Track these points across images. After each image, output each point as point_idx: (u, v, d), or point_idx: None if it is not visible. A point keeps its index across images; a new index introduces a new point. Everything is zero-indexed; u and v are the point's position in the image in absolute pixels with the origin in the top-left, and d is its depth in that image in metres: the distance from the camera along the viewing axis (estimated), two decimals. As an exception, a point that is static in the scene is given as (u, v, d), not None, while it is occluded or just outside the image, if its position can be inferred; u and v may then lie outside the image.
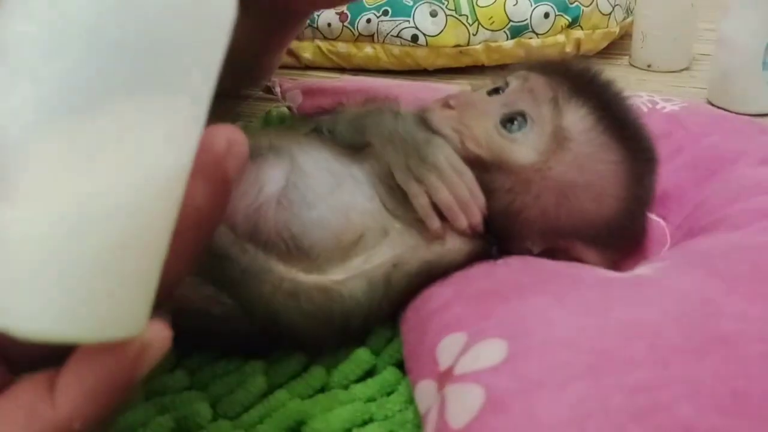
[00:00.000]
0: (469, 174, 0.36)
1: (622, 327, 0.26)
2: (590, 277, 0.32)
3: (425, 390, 0.28)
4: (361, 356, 0.36)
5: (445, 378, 0.27)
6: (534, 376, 0.25)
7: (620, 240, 0.37)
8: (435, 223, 0.35)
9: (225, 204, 0.22)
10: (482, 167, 0.36)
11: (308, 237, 0.35)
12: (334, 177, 0.37)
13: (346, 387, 0.35)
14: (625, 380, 0.24)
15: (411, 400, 0.34)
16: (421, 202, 0.35)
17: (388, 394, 0.35)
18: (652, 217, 0.44)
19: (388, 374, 0.35)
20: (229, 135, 0.22)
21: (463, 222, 0.35)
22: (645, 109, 0.52)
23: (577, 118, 0.36)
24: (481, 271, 0.35)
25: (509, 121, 0.36)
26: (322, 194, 0.36)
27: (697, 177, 0.45)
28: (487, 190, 0.36)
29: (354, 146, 0.38)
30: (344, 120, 0.39)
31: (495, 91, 0.39)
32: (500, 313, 0.29)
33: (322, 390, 0.36)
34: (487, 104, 0.38)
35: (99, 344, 0.19)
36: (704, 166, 0.45)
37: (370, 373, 0.36)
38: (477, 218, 0.35)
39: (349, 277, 0.34)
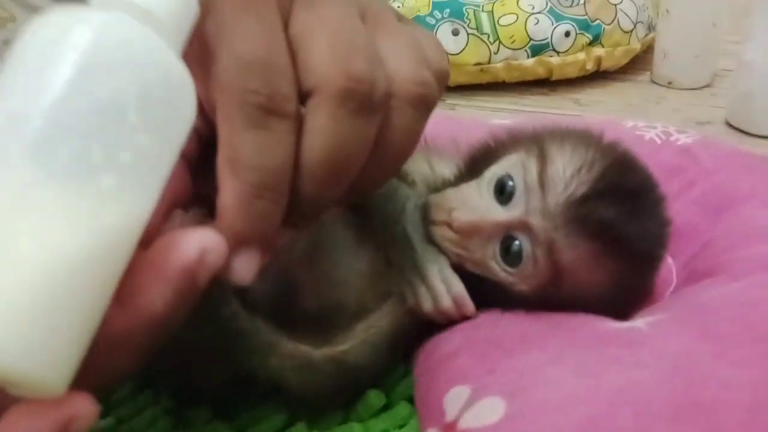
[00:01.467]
0: (458, 287, 0.37)
1: (612, 392, 0.28)
2: (590, 331, 0.33)
3: (433, 439, 0.30)
4: (373, 399, 0.38)
5: (450, 430, 0.29)
6: (528, 434, 0.26)
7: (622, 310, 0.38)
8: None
9: (187, 309, 0.21)
10: (479, 279, 0.37)
11: (335, 296, 0.37)
12: (351, 235, 0.39)
13: (361, 421, 0.38)
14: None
15: (423, 435, 0.36)
16: (410, 303, 0.37)
17: (401, 426, 0.37)
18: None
19: (401, 408, 0.38)
20: (204, 241, 0.21)
21: (443, 321, 0.37)
22: (659, 141, 0.53)
23: (576, 257, 0.34)
24: (488, 317, 0.37)
25: (507, 250, 0.36)
26: (344, 253, 0.38)
27: (707, 215, 0.46)
28: (481, 290, 0.37)
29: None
30: None
31: (500, 188, 0.37)
32: (502, 368, 0.31)
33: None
34: (491, 229, 0.36)
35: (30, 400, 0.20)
36: (714, 204, 0.46)
37: (384, 407, 0.38)
38: (459, 319, 0.37)
39: (353, 344, 0.36)
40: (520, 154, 0.37)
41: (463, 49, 0.81)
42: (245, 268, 0.26)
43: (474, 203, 0.37)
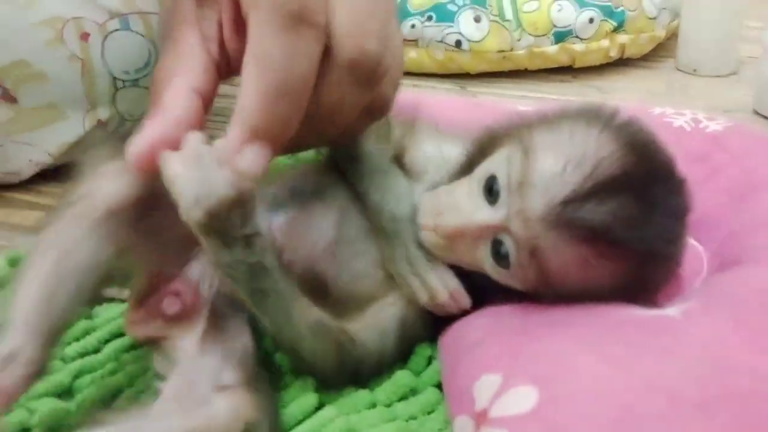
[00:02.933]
0: (453, 282, 0.37)
1: (645, 381, 0.27)
2: (620, 318, 0.33)
3: (463, 426, 0.31)
4: (402, 379, 0.38)
5: (481, 419, 0.29)
6: (561, 423, 0.26)
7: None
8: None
9: None
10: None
11: (357, 286, 0.38)
12: (367, 227, 0.39)
13: (389, 405, 0.38)
14: (652, 425, 0.25)
15: (450, 421, 0.36)
16: (406, 292, 0.38)
17: (429, 413, 0.37)
18: (690, 241, 0.45)
19: (429, 394, 0.38)
20: None
21: (441, 312, 0.38)
22: (688, 129, 0.53)
23: (561, 259, 0.32)
24: (510, 306, 0.37)
25: (497, 253, 0.34)
26: (363, 243, 0.39)
27: (734, 202, 0.45)
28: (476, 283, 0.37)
29: None
30: (358, 178, 0.39)
31: (488, 188, 0.35)
32: (531, 355, 0.31)
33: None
34: (478, 232, 0.35)
35: None
36: (741, 190, 0.46)
37: (411, 392, 0.39)
38: (456, 311, 0.38)
39: (362, 327, 0.37)
40: (509, 148, 0.35)
41: (485, 36, 0.80)
42: (255, 160, 0.28)
43: (462, 204, 0.35)
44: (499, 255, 0.34)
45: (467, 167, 0.38)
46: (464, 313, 0.38)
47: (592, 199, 0.31)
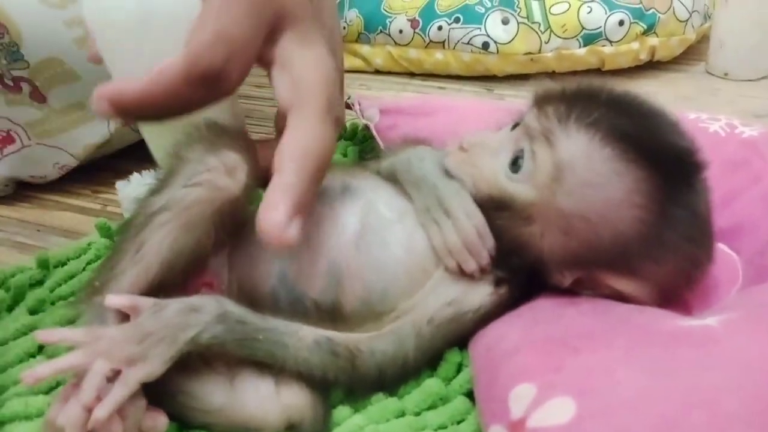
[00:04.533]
0: (479, 218, 0.38)
1: (685, 393, 0.27)
2: (659, 328, 0.32)
3: (497, 436, 0.30)
4: (432, 386, 0.38)
5: (517, 428, 0.28)
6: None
7: (656, 267, 0.36)
8: (450, 262, 0.38)
9: None
10: (494, 206, 0.38)
11: (383, 279, 0.38)
12: (398, 215, 0.40)
13: (418, 414, 0.37)
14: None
15: (480, 430, 0.35)
16: (436, 243, 0.38)
17: (458, 422, 0.37)
18: (725, 249, 0.44)
19: (459, 403, 0.37)
20: None
21: (471, 265, 0.38)
22: (723, 134, 0.51)
23: (575, 148, 0.35)
24: (548, 311, 0.36)
25: (515, 162, 0.37)
26: (395, 233, 0.39)
27: (773, 210, 0.44)
28: (501, 228, 0.38)
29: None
30: (386, 163, 0.42)
31: (515, 126, 0.40)
32: (569, 367, 0.30)
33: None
34: (499, 144, 0.39)
35: None
36: (781, 199, 0.44)
37: (441, 400, 0.38)
38: (484, 260, 0.38)
39: (381, 333, 0.37)
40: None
41: (514, 38, 0.79)
42: (298, 230, 0.32)
43: (486, 136, 0.40)
44: (516, 164, 0.37)
45: None
46: (497, 315, 0.37)
47: (606, 110, 0.35)
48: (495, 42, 0.79)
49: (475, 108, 0.59)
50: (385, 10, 0.85)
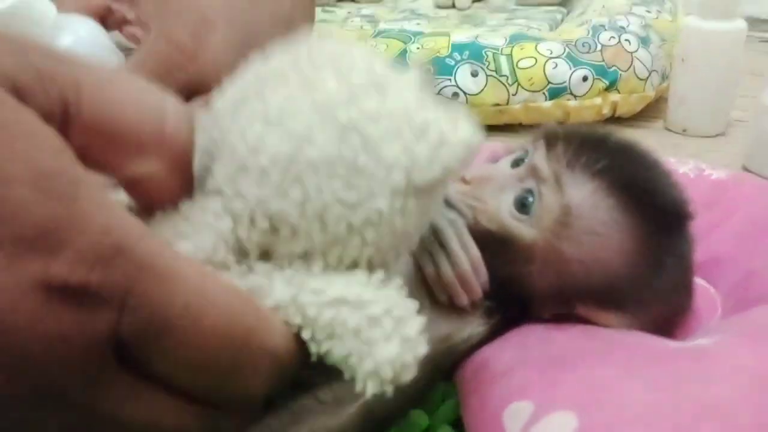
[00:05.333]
0: (474, 251, 0.37)
1: (694, 406, 0.26)
2: (654, 347, 0.32)
3: (493, 456, 0.29)
4: (417, 419, 0.36)
5: (515, 446, 0.27)
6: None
7: (640, 308, 0.36)
8: (441, 295, 0.36)
9: None
10: (492, 241, 0.37)
11: None
12: None
13: (406, 445, 0.36)
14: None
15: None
16: (428, 274, 0.37)
17: (445, 453, 0.35)
18: (701, 282, 0.44)
19: (443, 432, 0.36)
20: None
21: (463, 299, 0.36)
22: (692, 176, 0.53)
23: (581, 195, 0.36)
24: (536, 337, 0.36)
25: (522, 202, 0.37)
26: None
27: (747, 244, 0.45)
28: (495, 264, 0.37)
29: None
30: None
31: (517, 163, 0.40)
32: (568, 382, 0.29)
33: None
34: (504, 180, 0.39)
35: None
36: (753, 233, 0.45)
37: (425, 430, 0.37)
38: (477, 295, 0.36)
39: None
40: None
41: (482, 89, 0.81)
42: None
43: (490, 171, 0.40)
44: (524, 205, 0.37)
45: None
46: (484, 343, 0.36)
47: (615, 156, 0.36)
48: (464, 93, 0.81)
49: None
50: (357, 61, 0.86)
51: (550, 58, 0.81)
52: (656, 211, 0.36)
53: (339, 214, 0.24)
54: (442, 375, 0.38)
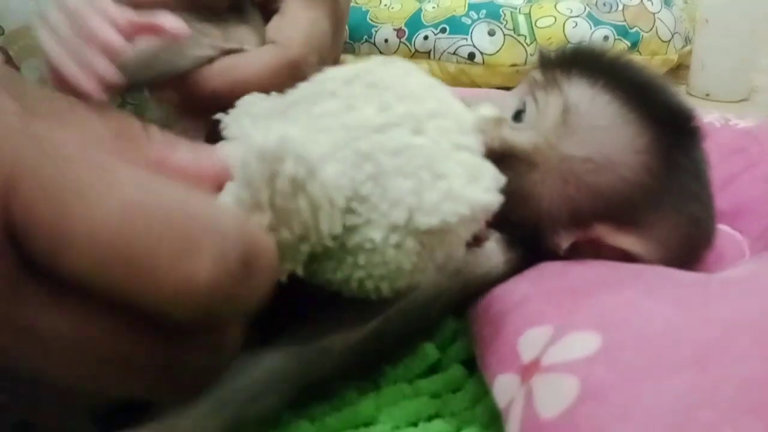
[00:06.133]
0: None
1: (724, 321, 0.24)
2: (676, 276, 0.30)
3: (505, 384, 0.27)
4: (427, 351, 0.35)
5: (530, 370, 0.26)
6: (633, 367, 0.23)
7: (660, 221, 0.34)
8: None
9: None
10: (494, 160, 0.35)
11: None
12: None
13: (410, 381, 0.34)
14: (733, 373, 0.22)
15: (478, 400, 0.32)
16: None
17: (454, 391, 0.34)
18: (728, 230, 0.42)
19: (455, 371, 0.34)
20: None
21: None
22: (717, 125, 0.51)
23: (579, 92, 0.35)
24: (554, 269, 0.34)
25: (517, 114, 0.36)
26: None
27: (775, 189, 0.43)
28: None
29: None
30: None
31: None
32: (588, 307, 0.27)
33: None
34: (501, 100, 0.38)
35: None
36: (781, 179, 0.44)
37: (433, 369, 0.35)
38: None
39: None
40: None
41: (499, 49, 0.79)
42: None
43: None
44: (519, 114, 0.36)
45: None
46: (501, 281, 0.34)
47: (609, 65, 0.35)
48: (481, 53, 0.79)
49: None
50: (371, 20, 0.84)
51: (570, 17, 0.79)
52: (661, 108, 0.34)
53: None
54: (455, 311, 0.36)
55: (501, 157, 0.35)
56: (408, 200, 0.25)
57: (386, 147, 0.25)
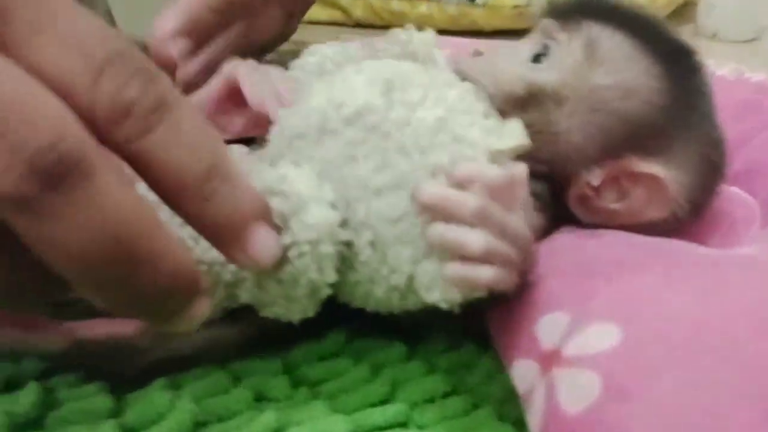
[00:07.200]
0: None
1: (747, 311, 0.24)
2: (696, 253, 0.30)
3: (525, 370, 0.27)
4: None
5: (551, 360, 0.26)
6: (654, 363, 0.23)
7: (681, 145, 0.36)
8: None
9: None
10: (520, 105, 0.36)
11: None
12: None
13: (427, 358, 0.35)
14: (763, 364, 0.22)
15: (493, 375, 0.33)
16: None
17: (469, 368, 0.34)
18: (739, 192, 0.42)
19: (469, 348, 0.35)
20: None
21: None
22: (731, 79, 0.50)
23: (597, 29, 0.36)
24: (567, 244, 0.34)
25: (537, 57, 0.37)
26: None
27: (787, 153, 0.42)
28: (529, 128, 0.34)
29: None
30: None
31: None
32: (605, 293, 0.27)
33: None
34: (516, 46, 0.39)
35: None
36: (796, 139, 0.43)
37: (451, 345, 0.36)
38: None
39: None
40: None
41: (501, -10, 0.76)
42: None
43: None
44: (540, 55, 0.36)
45: None
46: None
47: (615, 11, 0.37)
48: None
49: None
50: (370, -39, 0.81)
51: (575, -45, 0.76)
52: (668, 43, 0.37)
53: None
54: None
55: (526, 98, 0.35)
56: (406, 269, 0.27)
57: (384, 215, 0.26)
